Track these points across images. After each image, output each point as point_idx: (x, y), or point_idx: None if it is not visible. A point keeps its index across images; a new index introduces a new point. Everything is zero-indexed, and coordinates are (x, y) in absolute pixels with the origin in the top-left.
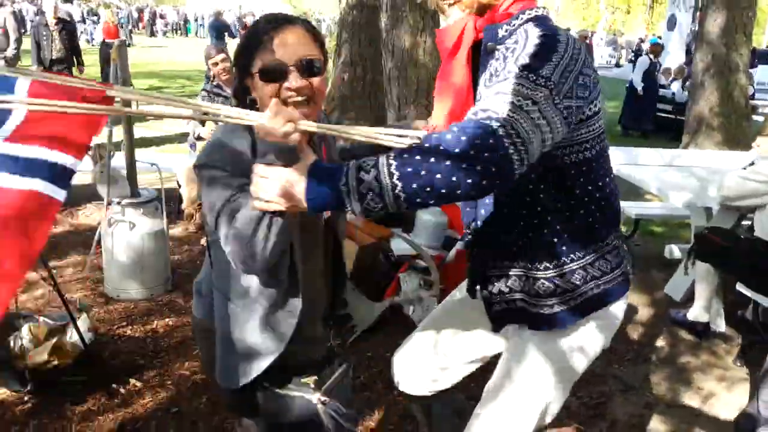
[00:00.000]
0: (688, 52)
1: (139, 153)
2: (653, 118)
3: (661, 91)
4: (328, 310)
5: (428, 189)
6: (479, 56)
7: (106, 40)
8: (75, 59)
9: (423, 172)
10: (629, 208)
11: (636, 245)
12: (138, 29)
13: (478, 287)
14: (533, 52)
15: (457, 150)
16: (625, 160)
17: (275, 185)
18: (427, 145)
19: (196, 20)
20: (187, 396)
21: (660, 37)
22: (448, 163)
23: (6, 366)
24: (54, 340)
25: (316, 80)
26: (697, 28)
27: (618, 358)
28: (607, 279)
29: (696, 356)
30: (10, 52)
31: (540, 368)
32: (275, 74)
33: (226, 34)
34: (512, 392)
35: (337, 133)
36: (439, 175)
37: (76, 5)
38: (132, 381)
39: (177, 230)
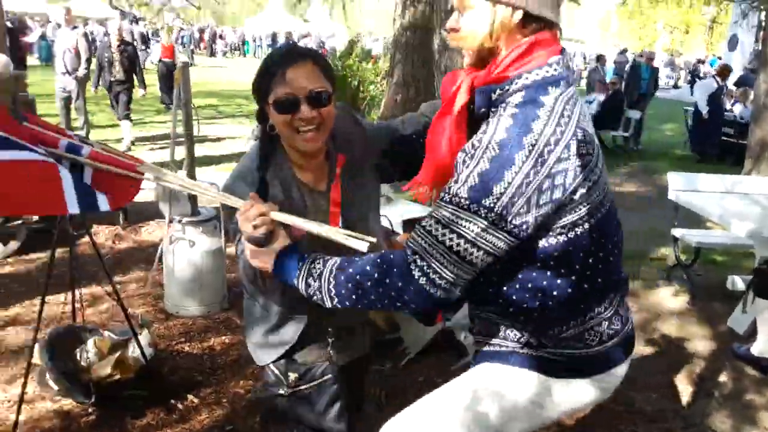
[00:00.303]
0: (752, 72)
1: (200, 172)
2: (718, 143)
3: (726, 115)
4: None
5: (366, 303)
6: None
7: (163, 60)
8: (135, 80)
9: (354, 296)
10: (689, 236)
11: (697, 275)
12: (199, 49)
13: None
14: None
15: (376, 276)
16: (685, 186)
17: (255, 256)
18: (354, 271)
19: (254, 41)
20: (242, 414)
21: (720, 58)
22: (372, 288)
23: (72, 378)
24: (117, 354)
25: (324, 110)
26: (760, 48)
27: (679, 393)
28: (577, 353)
29: (761, 393)
30: (81, 72)
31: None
32: (287, 106)
33: None
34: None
35: (302, 227)
36: (369, 298)
37: (142, 25)
38: (190, 397)
39: (234, 249)
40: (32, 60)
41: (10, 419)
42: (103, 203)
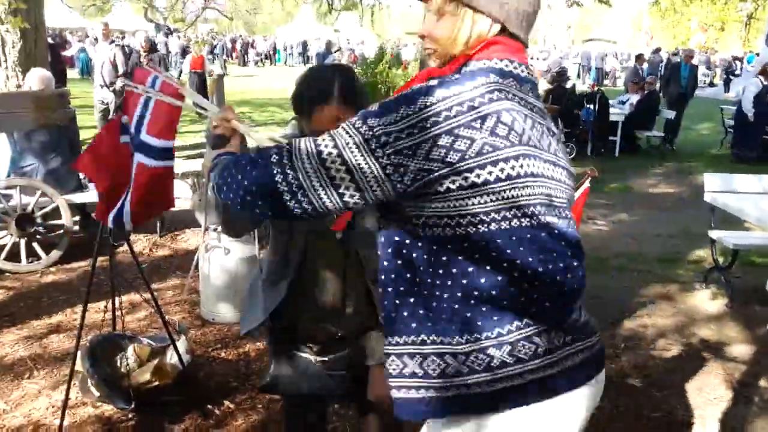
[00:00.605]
0: None
1: None
2: (760, 144)
3: None
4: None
5: (231, 197)
6: None
7: (192, 71)
8: None
9: (227, 183)
10: (727, 238)
11: (735, 278)
12: (231, 59)
13: None
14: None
15: (246, 166)
16: (721, 187)
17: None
18: (240, 160)
19: (285, 49)
20: (276, 420)
21: (758, 54)
22: (239, 179)
23: (113, 384)
24: (156, 360)
25: None
26: None
27: (717, 399)
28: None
29: None
30: (118, 84)
31: None
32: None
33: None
34: None
35: (246, 131)
36: (234, 190)
37: (175, 37)
38: (226, 403)
39: None
40: (72, 73)
41: (55, 424)
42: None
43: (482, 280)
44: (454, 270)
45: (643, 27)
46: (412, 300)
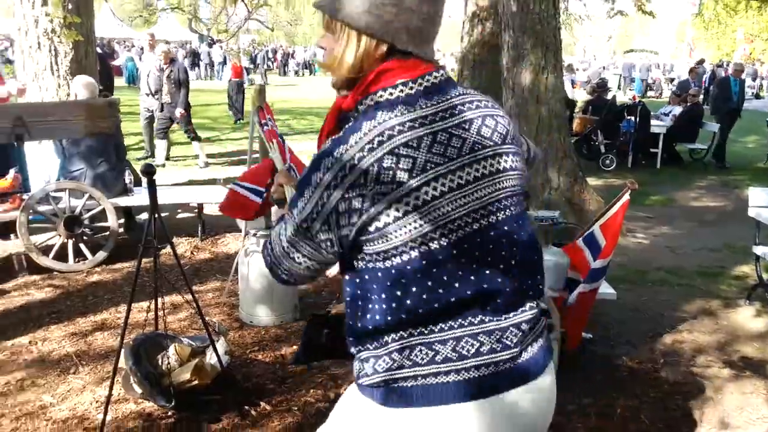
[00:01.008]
0: None
1: None
2: None
3: None
4: None
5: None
6: None
7: (232, 79)
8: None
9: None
10: None
11: None
12: (272, 69)
13: None
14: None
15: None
16: (767, 202)
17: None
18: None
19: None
20: (311, 422)
21: None
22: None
23: (154, 382)
24: (196, 360)
25: None
26: None
27: (759, 419)
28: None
29: None
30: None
31: None
32: None
33: None
34: None
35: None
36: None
37: (217, 47)
38: (262, 404)
39: None
40: (119, 81)
41: (98, 419)
42: None
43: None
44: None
45: (686, 38)
46: None
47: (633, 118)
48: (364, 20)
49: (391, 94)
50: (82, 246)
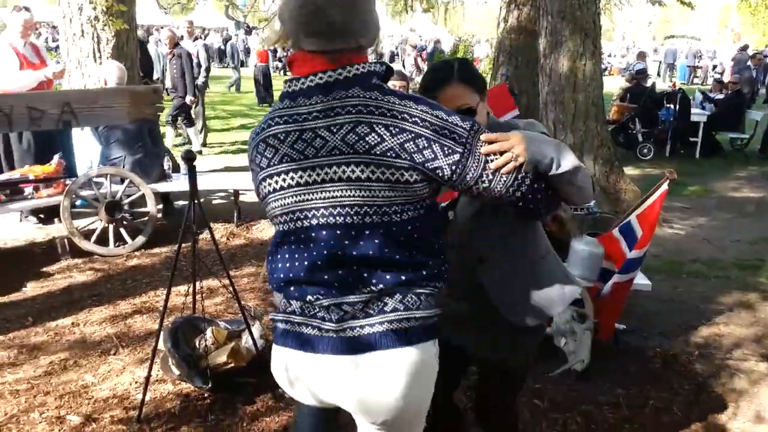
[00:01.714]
0: None
1: None
2: None
3: None
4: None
5: None
6: None
7: (258, 64)
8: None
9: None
10: None
11: None
12: None
13: None
14: None
15: None
16: None
17: None
18: None
19: None
20: None
21: None
22: None
23: (192, 364)
24: (232, 344)
25: (477, 118)
26: None
27: None
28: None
29: None
30: (200, 80)
31: None
32: None
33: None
34: None
35: None
36: None
37: (254, 35)
38: None
39: None
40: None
41: (137, 399)
42: None
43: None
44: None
45: (730, 23)
46: None
47: (672, 106)
48: (280, 13)
49: (287, 86)
50: (122, 230)
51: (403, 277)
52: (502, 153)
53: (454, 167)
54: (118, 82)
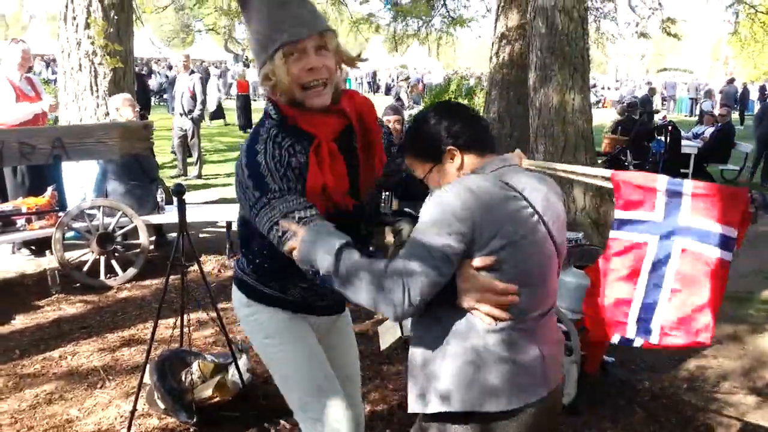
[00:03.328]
0: None
1: None
2: None
3: None
4: None
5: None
6: None
7: (239, 93)
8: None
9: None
10: None
11: None
12: None
13: None
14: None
15: None
16: None
17: None
18: None
19: (355, 79)
20: None
21: None
22: None
23: (177, 398)
24: (218, 377)
25: (430, 185)
26: None
27: None
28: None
29: None
30: (196, 112)
31: None
32: None
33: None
34: None
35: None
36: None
37: (252, 67)
38: (282, 422)
39: None
40: (154, 100)
41: None
42: None
43: None
44: None
45: (721, 56)
46: None
47: (663, 138)
48: None
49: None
50: (113, 262)
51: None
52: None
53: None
54: (133, 113)
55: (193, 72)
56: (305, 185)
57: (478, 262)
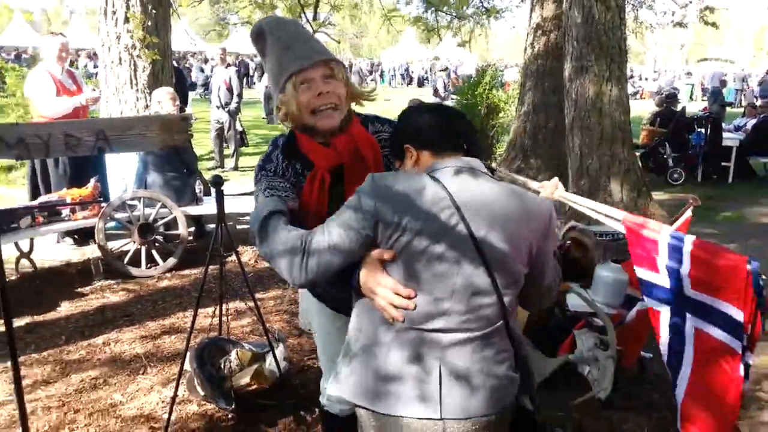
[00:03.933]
0: None
1: None
2: None
3: None
4: None
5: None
6: None
7: (268, 85)
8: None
9: None
10: None
11: None
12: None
13: None
14: None
15: None
16: None
17: None
18: None
19: (389, 71)
20: None
21: None
22: None
23: (216, 385)
24: (256, 366)
25: None
26: None
27: None
28: None
29: None
30: (232, 105)
31: None
32: None
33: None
34: None
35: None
36: None
37: None
38: (317, 410)
39: None
40: (192, 93)
41: (163, 418)
42: None
43: None
44: None
45: (765, 46)
46: None
47: (703, 130)
48: None
49: None
50: (154, 252)
51: None
52: None
53: None
54: (173, 107)
55: (229, 65)
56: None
57: (377, 253)
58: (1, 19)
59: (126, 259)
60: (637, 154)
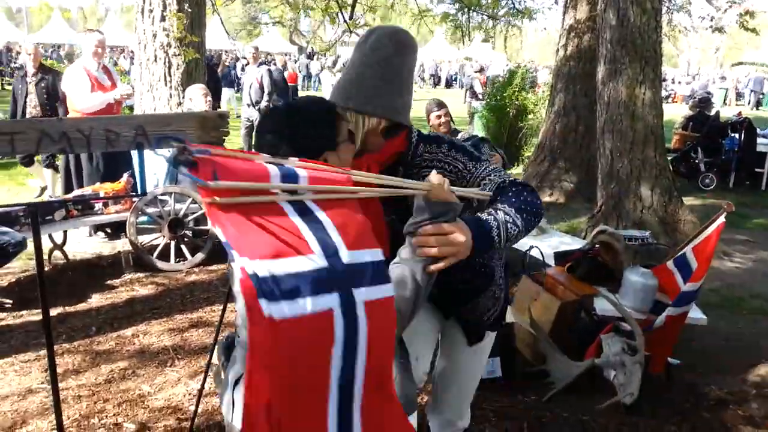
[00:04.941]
0: None
1: None
2: None
3: None
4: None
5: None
6: None
7: (288, 84)
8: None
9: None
10: None
11: None
12: None
13: None
14: None
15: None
16: None
17: (446, 240)
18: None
19: (419, 73)
20: None
21: None
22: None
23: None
24: None
25: None
26: None
27: None
28: None
29: None
30: (263, 104)
31: None
32: None
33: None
34: None
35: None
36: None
37: (315, 60)
38: None
39: None
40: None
41: (190, 410)
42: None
43: None
44: None
45: None
46: None
47: (737, 135)
48: None
49: None
50: (183, 247)
51: None
52: None
53: None
54: (206, 103)
55: (261, 64)
56: None
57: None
58: (41, 17)
59: (156, 253)
60: (669, 158)
